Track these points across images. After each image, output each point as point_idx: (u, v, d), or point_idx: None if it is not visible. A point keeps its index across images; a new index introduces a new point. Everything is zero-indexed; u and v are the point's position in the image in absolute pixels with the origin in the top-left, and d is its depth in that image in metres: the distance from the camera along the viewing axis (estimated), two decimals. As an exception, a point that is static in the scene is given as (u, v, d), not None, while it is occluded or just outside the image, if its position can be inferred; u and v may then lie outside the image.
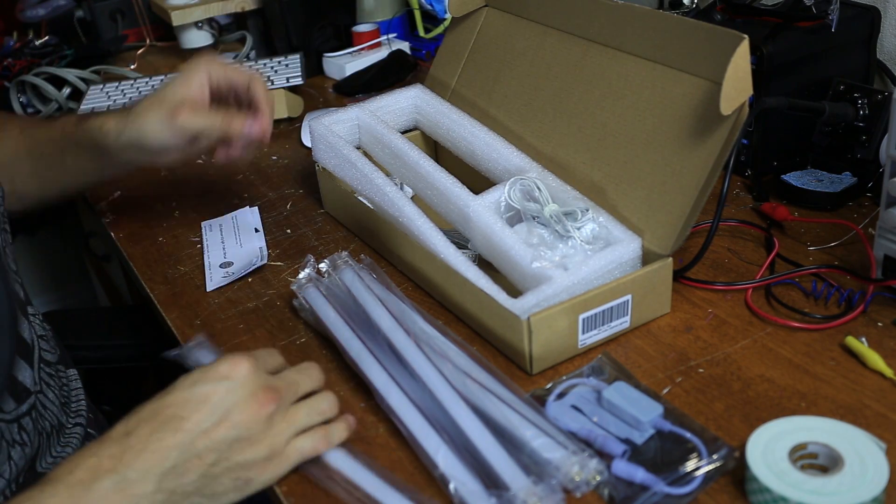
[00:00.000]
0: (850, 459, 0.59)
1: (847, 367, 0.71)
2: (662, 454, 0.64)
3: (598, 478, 0.62)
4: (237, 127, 0.88)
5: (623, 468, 0.62)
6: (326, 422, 0.67)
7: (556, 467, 0.62)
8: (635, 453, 0.64)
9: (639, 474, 0.62)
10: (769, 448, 0.61)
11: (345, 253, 0.84)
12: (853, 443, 0.60)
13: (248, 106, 0.91)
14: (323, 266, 0.84)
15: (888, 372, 0.70)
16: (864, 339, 0.73)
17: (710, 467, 0.62)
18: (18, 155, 0.95)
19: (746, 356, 0.74)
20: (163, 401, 0.61)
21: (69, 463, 0.58)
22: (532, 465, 0.63)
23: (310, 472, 0.66)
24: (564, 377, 0.72)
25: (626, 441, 0.65)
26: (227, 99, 0.92)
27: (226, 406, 0.61)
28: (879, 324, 0.76)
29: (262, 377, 0.64)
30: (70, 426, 0.85)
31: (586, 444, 0.65)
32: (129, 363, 1.14)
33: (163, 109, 0.87)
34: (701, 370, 0.73)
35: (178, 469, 0.59)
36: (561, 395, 0.70)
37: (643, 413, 0.66)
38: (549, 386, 0.72)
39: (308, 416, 0.65)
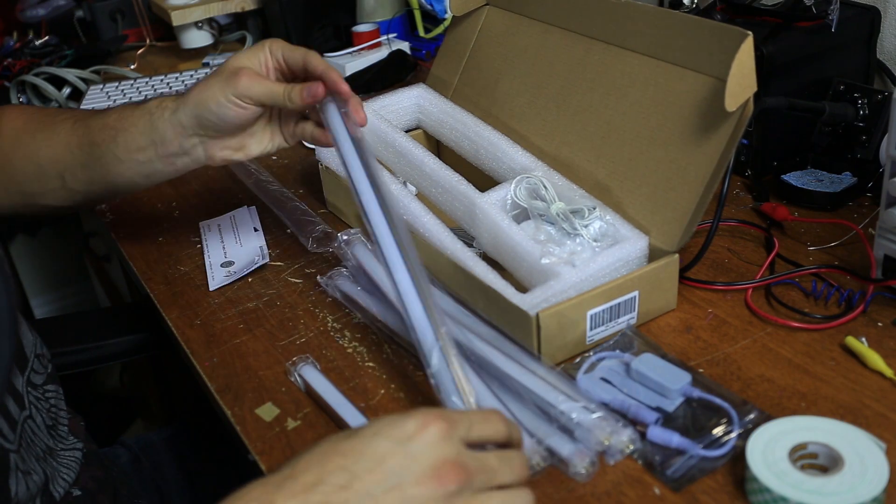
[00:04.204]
0: (850, 459, 0.59)
1: (847, 367, 0.71)
2: (693, 420, 0.66)
3: (632, 446, 0.64)
4: (300, 91, 0.79)
5: (659, 434, 0.64)
6: None
7: (593, 433, 0.64)
8: (667, 420, 0.67)
9: (674, 439, 0.64)
10: (769, 448, 0.61)
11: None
12: (853, 443, 0.60)
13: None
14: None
15: (888, 372, 0.70)
16: (864, 339, 0.73)
17: (742, 430, 0.64)
18: (70, 146, 0.89)
19: (746, 356, 0.74)
20: (338, 445, 0.54)
21: (231, 500, 0.53)
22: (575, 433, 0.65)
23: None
24: (591, 352, 0.74)
25: (658, 409, 0.67)
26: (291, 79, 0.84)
27: (401, 473, 0.52)
28: (879, 324, 0.76)
29: (452, 447, 0.54)
30: (59, 449, 0.84)
31: (620, 414, 0.67)
32: (123, 359, 1.14)
33: (221, 78, 0.81)
34: (701, 370, 0.73)
35: None
36: (590, 369, 0.72)
37: (672, 381, 0.68)
38: (577, 361, 0.74)
39: None
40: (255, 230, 0.99)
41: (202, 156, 0.85)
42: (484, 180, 0.91)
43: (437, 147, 1.05)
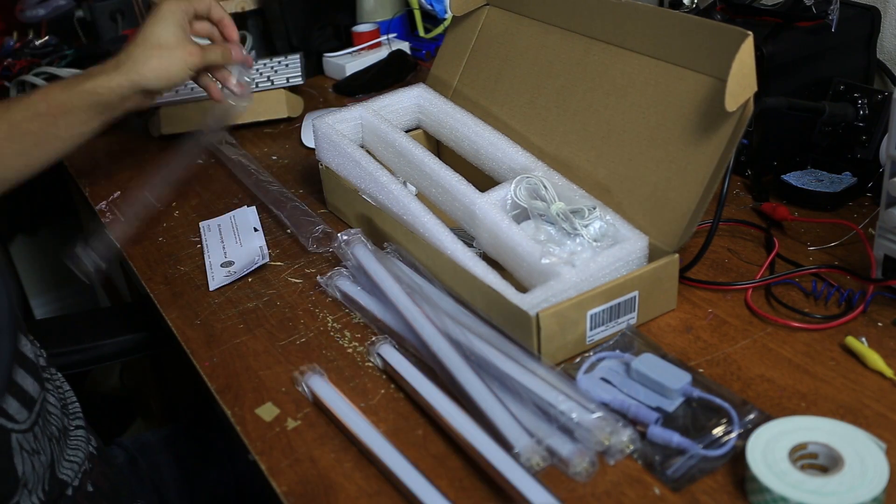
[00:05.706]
0: (850, 459, 0.59)
1: (847, 367, 0.71)
2: (693, 420, 0.66)
3: (632, 446, 0.64)
4: (234, 54, 0.98)
5: (659, 434, 0.64)
6: None
7: (593, 433, 0.64)
8: (667, 420, 0.67)
9: (675, 439, 0.64)
10: (769, 448, 0.61)
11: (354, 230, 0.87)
12: (853, 443, 0.60)
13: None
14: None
15: (888, 372, 0.70)
16: (864, 339, 0.73)
17: (742, 430, 0.64)
18: None
19: (746, 356, 0.74)
20: None
21: None
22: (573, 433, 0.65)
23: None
24: (591, 352, 0.74)
25: (657, 409, 0.67)
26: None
27: None
28: (879, 324, 0.76)
29: None
30: (72, 428, 0.85)
31: (620, 414, 0.67)
32: (122, 358, 1.14)
33: (164, 52, 0.92)
34: (701, 370, 0.73)
35: None
36: (590, 369, 0.72)
37: (672, 381, 0.68)
38: (577, 361, 0.73)
39: None
40: (255, 230, 0.99)
41: (144, 105, 0.97)
42: (484, 180, 0.91)
43: (437, 147, 1.05)
